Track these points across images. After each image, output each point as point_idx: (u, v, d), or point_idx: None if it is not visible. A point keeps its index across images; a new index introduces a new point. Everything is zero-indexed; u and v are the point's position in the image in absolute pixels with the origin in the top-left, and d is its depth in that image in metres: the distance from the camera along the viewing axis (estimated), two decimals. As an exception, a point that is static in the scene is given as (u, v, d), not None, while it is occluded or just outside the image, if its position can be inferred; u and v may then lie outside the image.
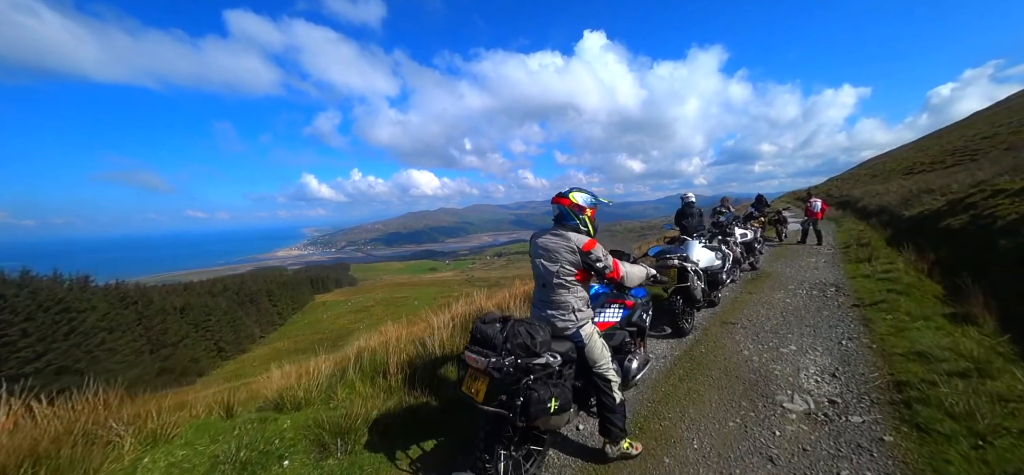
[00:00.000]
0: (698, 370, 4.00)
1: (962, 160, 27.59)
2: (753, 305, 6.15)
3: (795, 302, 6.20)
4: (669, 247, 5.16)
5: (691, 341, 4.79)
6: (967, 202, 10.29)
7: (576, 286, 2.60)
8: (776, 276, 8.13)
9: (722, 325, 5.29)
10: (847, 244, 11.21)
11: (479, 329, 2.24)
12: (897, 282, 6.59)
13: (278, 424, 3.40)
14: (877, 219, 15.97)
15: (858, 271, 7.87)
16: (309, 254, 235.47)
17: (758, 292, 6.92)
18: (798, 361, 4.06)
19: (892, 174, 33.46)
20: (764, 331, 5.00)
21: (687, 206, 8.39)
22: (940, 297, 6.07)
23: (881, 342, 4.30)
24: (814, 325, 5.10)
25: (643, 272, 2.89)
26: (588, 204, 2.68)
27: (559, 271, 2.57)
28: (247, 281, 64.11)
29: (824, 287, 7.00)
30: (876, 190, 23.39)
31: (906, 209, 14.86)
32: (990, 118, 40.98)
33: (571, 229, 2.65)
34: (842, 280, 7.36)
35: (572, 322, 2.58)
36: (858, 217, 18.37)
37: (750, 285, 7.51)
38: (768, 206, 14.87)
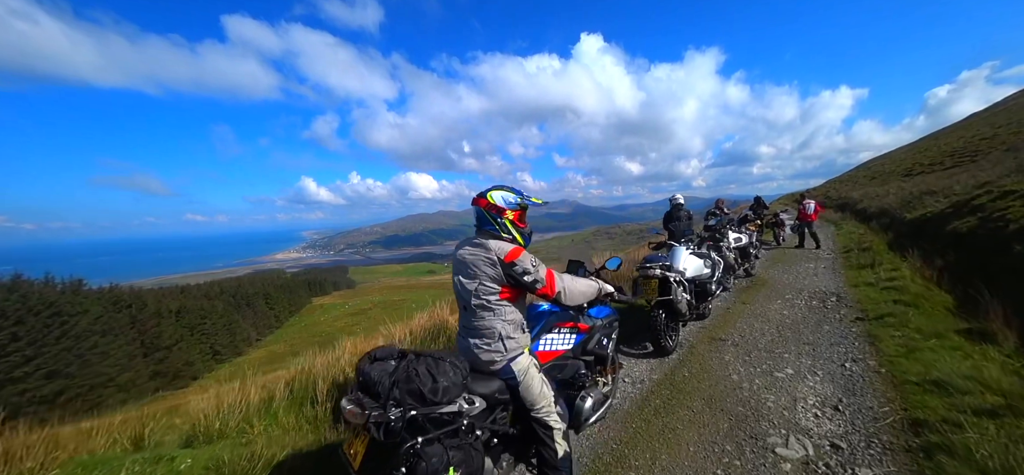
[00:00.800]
0: (678, 400, 3.42)
1: (962, 161, 27.09)
2: (747, 317, 5.57)
3: (792, 314, 5.62)
4: (652, 255, 4.59)
5: (674, 362, 4.21)
6: (974, 204, 9.70)
7: (503, 307, 2.04)
8: (773, 284, 7.55)
9: (711, 342, 4.71)
10: (848, 248, 10.63)
11: (363, 370, 1.66)
12: (903, 292, 6.01)
13: (174, 464, 2.84)
14: (878, 222, 15.39)
15: (860, 278, 7.29)
16: (307, 257, 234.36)
17: (752, 302, 6.34)
18: (795, 389, 3.48)
19: (891, 176, 32.90)
20: (757, 349, 4.42)
21: (675, 209, 7.82)
22: (951, 309, 5.48)
23: (890, 366, 3.72)
24: (813, 343, 4.52)
25: (590, 288, 2.31)
26: (510, 205, 2.11)
27: (478, 289, 2.02)
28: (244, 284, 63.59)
29: (824, 296, 6.42)
30: (875, 192, 22.82)
31: (907, 211, 14.29)
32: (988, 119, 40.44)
33: (491, 236, 2.10)
34: (843, 289, 6.78)
35: (499, 353, 2.02)
36: (858, 220, 17.80)
37: (744, 294, 6.93)
38: (766, 208, 14.32)
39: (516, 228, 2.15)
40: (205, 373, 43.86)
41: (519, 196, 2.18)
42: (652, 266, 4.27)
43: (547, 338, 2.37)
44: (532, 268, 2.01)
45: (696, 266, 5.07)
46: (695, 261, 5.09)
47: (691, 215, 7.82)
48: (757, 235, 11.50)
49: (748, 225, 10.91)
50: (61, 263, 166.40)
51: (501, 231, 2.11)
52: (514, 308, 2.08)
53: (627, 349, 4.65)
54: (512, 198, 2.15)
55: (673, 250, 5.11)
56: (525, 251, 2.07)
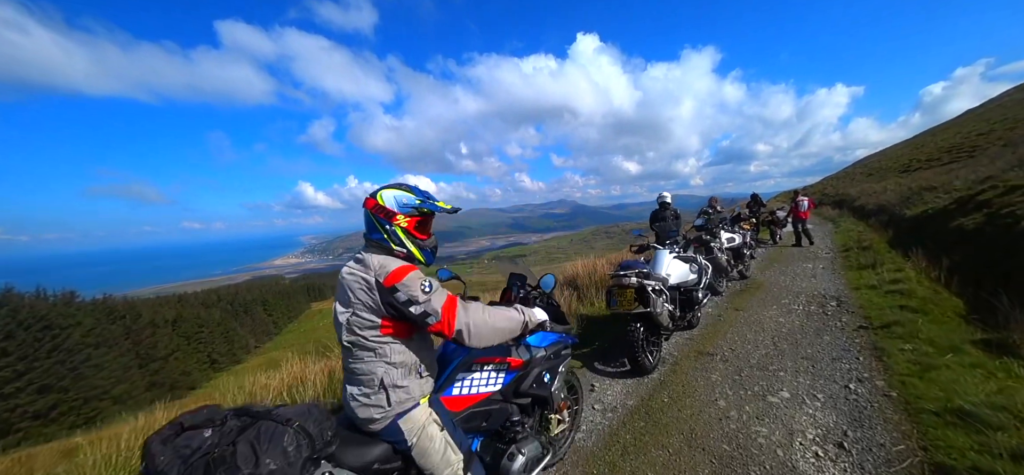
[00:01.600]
0: (653, 435, 2.88)
1: (959, 157, 26.71)
2: (739, 326, 5.03)
3: (789, 322, 5.08)
4: (628, 261, 4.06)
5: (654, 383, 3.67)
6: (979, 200, 9.18)
7: (387, 345, 1.52)
8: (768, 287, 7.01)
9: (698, 357, 4.17)
10: (847, 247, 10.10)
11: (151, 451, 1.12)
12: (910, 295, 5.47)
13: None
14: (876, 219, 14.89)
15: (862, 280, 6.75)
16: (307, 262, 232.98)
17: (746, 308, 5.80)
18: (791, 419, 2.94)
19: (888, 172, 32.46)
20: (749, 366, 3.88)
21: (662, 207, 7.29)
22: (963, 315, 4.95)
23: (902, 388, 3.18)
24: (812, 357, 3.97)
25: (510, 324, 1.75)
26: (404, 208, 1.61)
27: (351, 321, 1.51)
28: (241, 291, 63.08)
29: (824, 301, 5.88)
30: (873, 188, 22.33)
31: (907, 208, 13.78)
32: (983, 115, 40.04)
33: (378, 249, 1.60)
34: (844, 291, 6.24)
35: (380, 409, 1.50)
36: (856, 217, 17.29)
37: (738, 298, 6.40)
38: (763, 206, 13.80)
39: (412, 239, 1.63)
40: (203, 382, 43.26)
41: (419, 198, 1.65)
42: (627, 274, 3.74)
43: (464, 379, 1.82)
44: (423, 295, 1.49)
45: (681, 272, 4.54)
46: (680, 266, 4.56)
47: (679, 214, 7.29)
48: (752, 234, 10.99)
49: (742, 224, 10.39)
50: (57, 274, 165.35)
51: (391, 242, 1.59)
52: (403, 347, 1.55)
53: (602, 366, 4.11)
54: (408, 199, 1.62)
55: (655, 254, 4.58)
56: (417, 271, 1.55)
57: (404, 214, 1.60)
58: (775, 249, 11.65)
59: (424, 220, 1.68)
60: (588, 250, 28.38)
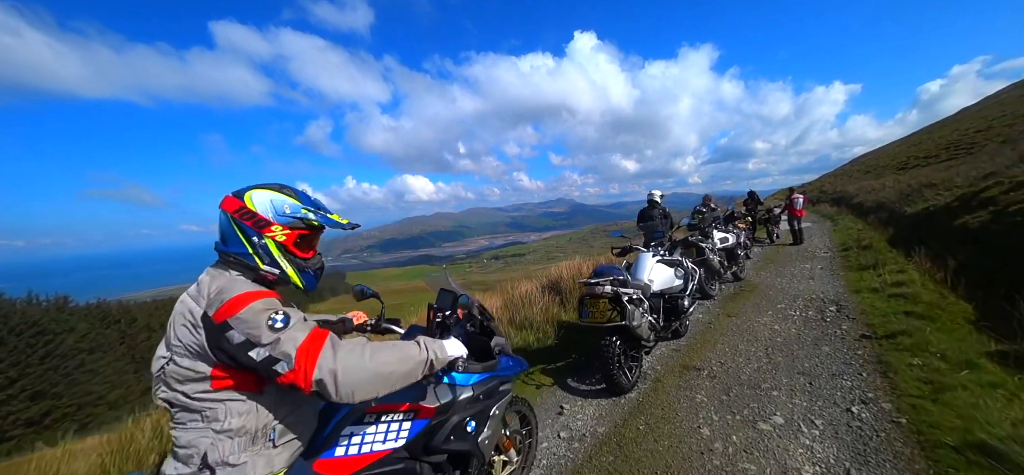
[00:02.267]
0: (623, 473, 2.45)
1: (957, 154, 26.39)
2: (730, 335, 4.60)
3: (785, 330, 4.65)
4: (603, 267, 3.61)
5: (631, 405, 3.24)
6: (983, 197, 8.75)
7: (219, 405, 1.10)
8: (763, 290, 6.58)
9: (682, 372, 3.74)
10: (846, 246, 9.67)
11: None
12: (915, 300, 5.04)
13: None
14: (875, 216, 14.47)
15: (862, 282, 6.32)
16: None
17: (739, 313, 5.37)
18: (785, 452, 2.51)
19: (886, 169, 32.08)
20: (739, 384, 3.45)
21: (650, 205, 6.87)
22: (973, 322, 4.52)
23: (913, 414, 2.75)
24: (810, 373, 3.54)
25: (406, 363, 1.28)
26: (282, 217, 1.21)
27: (167, 371, 1.10)
28: (239, 294, 62.68)
29: (822, 305, 5.45)
30: (871, 186, 21.92)
31: (907, 205, 13.37)
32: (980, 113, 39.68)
33: (235, 266, 1.20)
34: (844, 295, 5.81)
35: None
36: (855, 214, 16.87)
37: (731, 303, 5.97)
38: (760, 204, 13.38)
39: (288, 257, 1.21)
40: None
41: (307, 206, 1.24)
42: (600, 281, 3.30)
43: (353, 435, 1.38)
44: (269, 332, 1.05)
45: (665, 277, 4.10)
46: (664, 270, 4.12)
47: (668, 213, 6.86)
48: (748, 233, 10.55)
49: (737, 223, 9.97)
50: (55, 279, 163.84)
51: (258, 258, 1.17)
52: (247, 406, 1.12)
53: (575, 383, 3.67)
54: (291, 206, 1.22)
55: (637, 258, 4.15)
56: (268, 299, 1.12)
57: (282, 225, 1.19)
58: (772, 248, 11.22)
59: (309, 235, 1.28)
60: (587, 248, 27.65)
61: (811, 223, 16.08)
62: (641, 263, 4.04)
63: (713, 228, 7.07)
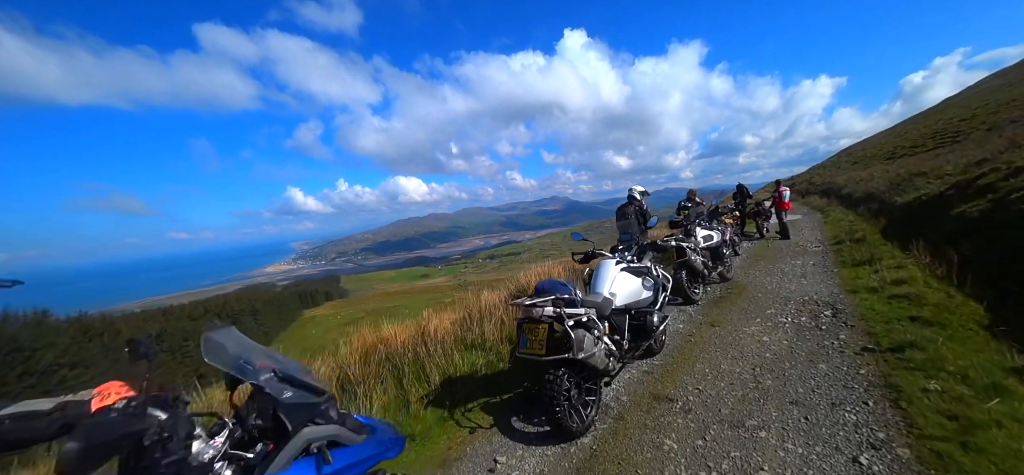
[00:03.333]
0: None
1: (944, 143, 26.20)
2: (712, 351, 3.94)
3: (775, 342, 3.99)
4: (547, 283, 2.88)
5: (583, 453, 2.55)
6: (980, 184, 8.20)
7: None
8: (751, 291, 5.93)
9: (651, 405, 3.06)
10: (838, 239, 9.08)
11: None
12: (919, 302, 4.41)
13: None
14: (866, 207, 13.96)
15: (859, 280, 5.69)
16: (299, 268, 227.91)
17: (724, 322, 4.71)
18: (776, 535, 1.84)
19: (873, 160, 31.85)
20: (719, 420, 2.78)
21: (628, 202, 6.20)
22: (988, 327, 3.90)
23: (939, 466, 2.10)
24: (805, 403, 2.88)
25: None
26: None
27: None
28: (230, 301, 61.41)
29: (816, 310, 4.81)
30: (859, 176, 21.53)
31: (898, 195, 12.86)
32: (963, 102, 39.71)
33: None
34: (839, 296, 5.17)
35: None
36: (844, 205, 16.38)
37: (716, 308, 5.31)
38: (750, 197, 12.78)
39: None
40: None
41: None
42: (539, 302, 2.60)
43: None
44: None
45: (630, 289, 3.42)
46: (629, 282, 3.44)
47: (646, 211, 6.20)
48: (736, 229, 9.94)
49: (724, 218, 9.33)
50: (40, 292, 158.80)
51: None
52: None
53: (520, 424, 2.98)
54: None
55: (598, 267, 3.47)
56: None
57: None
58: (761, 243, 10.62)
59: None
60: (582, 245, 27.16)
61: (801, 215, 15.57)
62: (602, 273, 3.35)
63: (696, 226, 6.42)
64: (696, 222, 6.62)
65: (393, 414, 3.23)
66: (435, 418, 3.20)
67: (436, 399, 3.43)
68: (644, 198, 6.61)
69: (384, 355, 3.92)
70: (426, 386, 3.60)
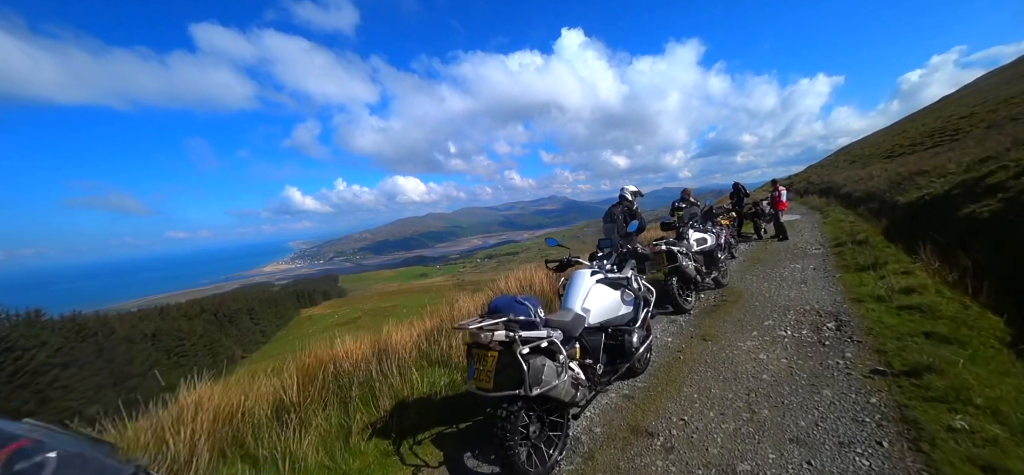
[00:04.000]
0: None
1: (943, 141, 25.80)
2: (702, 371, 3.49)
3: (773, 361, 3.54)
4: (501, 301, 2.41)
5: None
6: (989, 183, 7.75)
7: None
8: (747, 299, 5.48)
9: (626, 442, 2.61)
10: (839, 241, 8.62)
11: None
12: (933, 314, 3.96)
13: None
14: (866, 207, 13.51)
15: (863, 287, 5.24)
16: (297, 268, 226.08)
17: (716, 335, 4.26)
18: None
19: (871, 159, 31.44)
20: (705, 462, 2.32)
21: (618, 203, 5.75)
22: (1012, 344, 3.45)
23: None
24: (808, 441, 2.43)
25: None
26: None
27: None
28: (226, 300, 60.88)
29: (819, 320, 4.36)
30: (858, 175, 21.08)
31: (899, 194, 12.41)
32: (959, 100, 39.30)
33: None
34: (843, 305, 4.72)
35: None
36: (844, 205, 15.93)
37: (708, 319, 4.86)
38: (747, 196, 12.32)
39: None
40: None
41: None
42: (486, 325, 2.13)
43: None
44: None
45: (606, 304, 2.95)
46: (605, 295, 2.97)
47: (635, 212, 5.73)
48: (732, 230, 9.50)
49: (719, 220, 8.87)
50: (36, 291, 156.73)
51: None
52: None
53: (472, 463, 2.53)
54: None
55: (571, 279, 3.01)
56: None
57: None
58: (759, 245, 10.17)
59: None
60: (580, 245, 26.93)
61: (800, 215, 15.12)
62: (574, 286, 2.90)
63: (689, 228, 5.96)
64: (689, 224, 6.17)
65: (330, 446, 2.78)
66: (377, 452, 2.75)
67: (383, 428, 2.98)
68: (637, 199, 6.14)
69: (333, 374, 3.47)
70: (375, 412, 3.15)
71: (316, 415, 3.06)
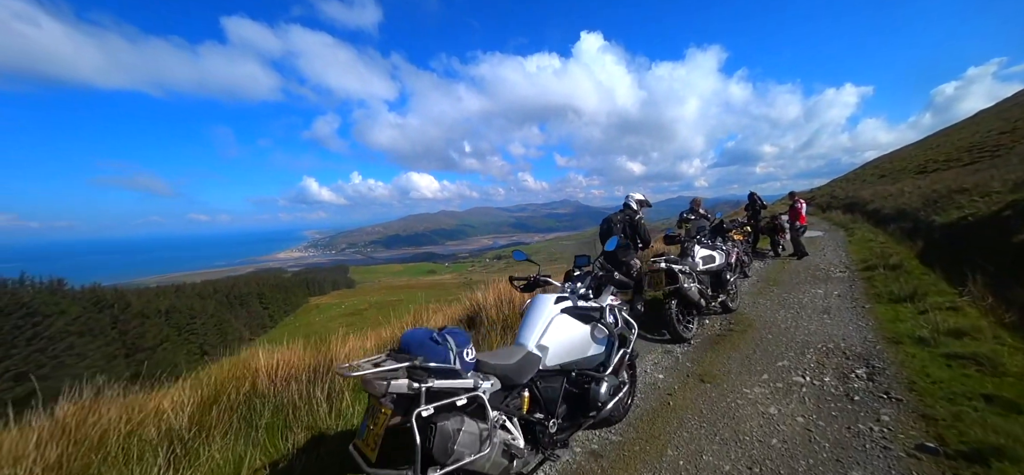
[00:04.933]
0: None
1: (981, 157, 24.08)
2: (694, 426, 2.79)
3: (785, 421, 2.81)
4: (415, 336, 1.78)
5: None
6: (1050, 206, 6.72)
7: None
8: (759, 329, 4.70)
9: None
10: (868, 264, 7.68)
11: None
12: (993, 367, 3.15)
13: None
14: (897, 226, 12.35)
15: (900, 323, 4.41)
16: (310, 256, 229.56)
17: (718, 376, 3.54)
18: None
19: (902, 173, 29.58)
20: None
21: (621, 211, 5.05)
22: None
23: None
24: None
25: None
26: None
27: None
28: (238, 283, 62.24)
29: (845, 366, 3.59)
30: (888, 191, 19.64)
31: (936, 214, 11.27)
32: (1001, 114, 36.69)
33: None
34: (876, 346, 3.92)
35: None
36: (872, 223, 14.72)
37: (710, 353, 4.12)
38: (764, 208, 11.30)
39: None
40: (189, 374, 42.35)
41: None
42: (385, 373, 1.45)
43: None
44: None
45: (570, 340, 2.26)
46: (570, 330, 2.28)
47: (639, 223, 5.00)
48: (746, 247, 8.61)
49: (733, 234, 8.03)
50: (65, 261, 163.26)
51: None
52: None
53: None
54: None
55: (530, 306, 2.35)
56: None
57: None
58: (777, 263, 9.27)
59: None
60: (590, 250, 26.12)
61: (822, 232, 14.01)
62: (532, 315, 2.24)
63: (695, 243, 5.19)
64: (697, 238, 5.40)
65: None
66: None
67: (285, 468, 2.39)
68: (643, 209, 5.39)
69: (246, 393, 2.90)
70: (282, 446, 2.57)
71: (211, 446, 2.50)
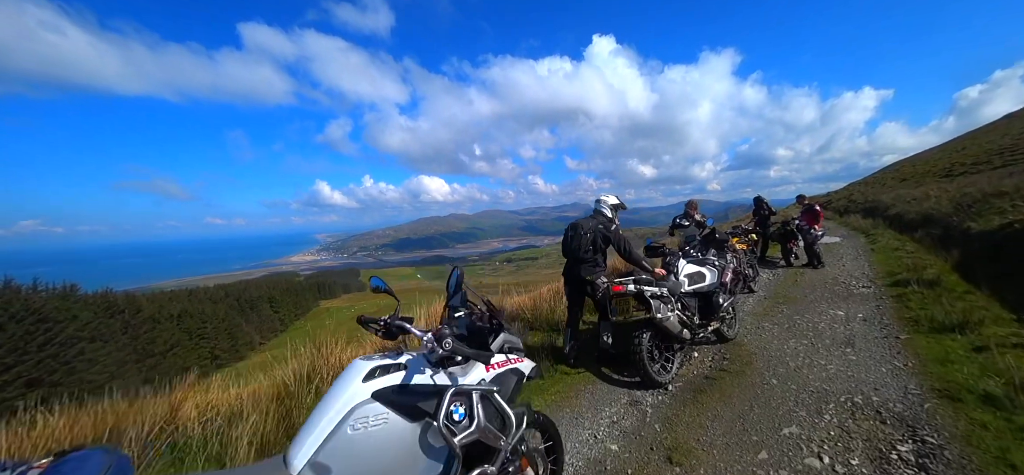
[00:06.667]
0: None
1: (1013, 159, 22.25)
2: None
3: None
4: None
5: None
6: None
7: None
8: (760, 369, 3.61)
9: None
10: (897, 277, 6.44)
11: None
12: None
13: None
14: (925, 232, 10.93)
15: (953, 367, 3.26)
16: (322, 259, 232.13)
17: (695, 451, 2.49)
18: None
19: (926, 177, 27.62)
20: None
21: (589, 217, 4.03)
22: None
23: None
24: None
25: None
26: None
27: None
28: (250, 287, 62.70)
29: (880, 436, 2.49)
30: (912, 195, 17.99)
31: (971, 220, 9.87)
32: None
33: None
34: (923, 403, 2.81)
35: None
36: (894, 229, 13.26)
37: (691, 406, 3.06)
38: (773, 213, 10.04)
39: None
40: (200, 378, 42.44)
41: None
42: None
43: None
44: None
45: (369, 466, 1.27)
46: (378, 441, 1.30)
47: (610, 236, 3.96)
48: (750, 257, 7.41)
49: (735, 242, 6.88)
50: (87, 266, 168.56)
51: None
52: None
53: None
54: None
55: (339, 380, 1.39)
56: None
57: None
58: (788, 274, 8.03)
59: None
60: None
61: (840, 237, 12.62)
62: (325, 402, 1.27)
63: (680, 258, 4.12)
64: (683, 250, 4.34)
65: None
66: None
67: None
68: (617, 214, 4.32)
69: (170, 431, 2.02)
70: None
71: None
